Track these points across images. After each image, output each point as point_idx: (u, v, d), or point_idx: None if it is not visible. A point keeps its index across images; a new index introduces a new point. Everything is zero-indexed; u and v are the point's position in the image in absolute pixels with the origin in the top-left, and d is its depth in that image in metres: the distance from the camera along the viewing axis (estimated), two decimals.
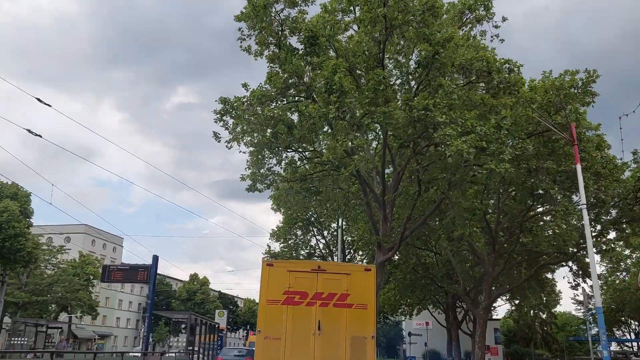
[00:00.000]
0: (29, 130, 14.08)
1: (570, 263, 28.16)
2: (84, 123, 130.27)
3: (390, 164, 19.81)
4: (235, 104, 17.41)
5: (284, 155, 20.09)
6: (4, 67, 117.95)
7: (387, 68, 18.55)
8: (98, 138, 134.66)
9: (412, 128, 14.66)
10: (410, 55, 17.71)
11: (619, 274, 47.87)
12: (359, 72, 18.09)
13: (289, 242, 37.90)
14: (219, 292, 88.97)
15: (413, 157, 16.60)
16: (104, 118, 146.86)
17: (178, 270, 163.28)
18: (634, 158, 21.81)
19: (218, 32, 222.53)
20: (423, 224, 20.71)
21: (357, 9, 17.92)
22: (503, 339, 54.68)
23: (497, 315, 52.77)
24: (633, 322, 58.46)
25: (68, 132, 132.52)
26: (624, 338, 61.10)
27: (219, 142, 18.12)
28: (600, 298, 15.90)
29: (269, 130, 17.99)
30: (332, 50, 17.83)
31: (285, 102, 17.82)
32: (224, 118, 17.95)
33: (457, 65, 15.53)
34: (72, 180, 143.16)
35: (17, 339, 30.67)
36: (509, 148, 14.19)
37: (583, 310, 62.76)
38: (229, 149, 17.98)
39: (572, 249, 25.91)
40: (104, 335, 74.85)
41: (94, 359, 22.29)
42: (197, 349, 21.85)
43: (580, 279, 29.45)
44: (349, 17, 18.42)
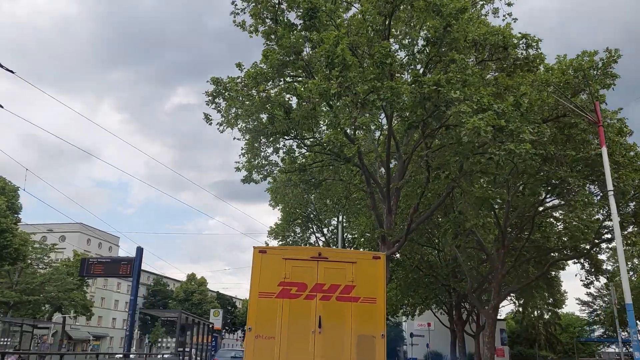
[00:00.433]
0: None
1: (582, 260, 26.91)
2: (84, 123, 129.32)
3: (395, 153, 18.52)
4: (229, 85, 16.00)
5: (282, 144, 18.81)
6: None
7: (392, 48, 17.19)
8: (98, 138, 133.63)
9: (421, 108, 13.29)
10: (419, 33, 16.26)
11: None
12: (363, 50, 16.75)
13: (288, 239, 36.71)
14: (217, 292, 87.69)
15: (422, 139, 15.18)
16: (104, 118, 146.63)
17: (178, 272, 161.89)
18: None
19: (217, 32, 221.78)
20: (430, 217, 19.38)
21: None
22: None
23: (500, 316, 51.49)
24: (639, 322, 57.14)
25: (68, 133, 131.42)
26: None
27: (210, 124, 16.72)
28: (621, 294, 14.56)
29: (265, 116, 16.65)
30: (333, 27, 16.50)
31: (282, 82, 16.44)
32: (217, 100, 16.57)
33: (469, 41, 14.20)
34: (71, 181, 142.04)
35: (2, 340, 29.42)
36: (530, 127, 12.81)
37: (588, 311, 61.93)
38: (221, 133, 16.60)
39: (583, 245, 24.71)
40: (100, 337, 73.50)
41: None
42: (188, 351, 20.48)
43: (593, 277, 28.15)
44: None
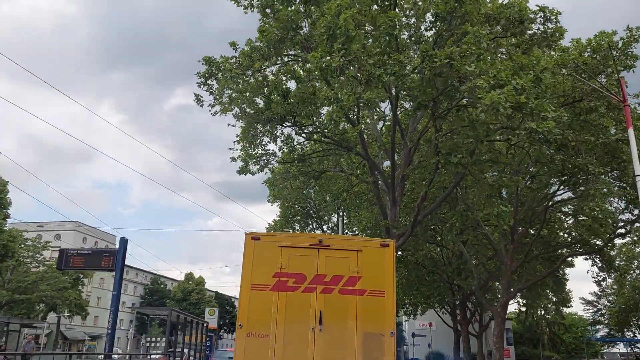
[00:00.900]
0: None
1: (594, 256, 25.78)
2: (83, 124, 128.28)
3: (400, 142, 17.36)
4: (222, 65, 14.79)
5: (280, 132, 17.65)
6: (4, 68, 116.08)
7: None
8: (97, 139, 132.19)
9: (431, 85, 12.11)
10: (428, 8, 15.02)
11: (633, 272, 45.50)
12: (366, 30, 15.55)
13: None
14: (215, 292, 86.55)
15: (432, 121, 13.96)
16: (103, 119, 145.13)
17: (177, 272, 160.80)
18: None
19: (217, 33, 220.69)
20: (439, 206, 18.19)
21: None
22: None
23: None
24: None
25: (68, 132, 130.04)
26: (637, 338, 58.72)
27: (202, 106, 15.51)
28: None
29: (262, 100, 15.46)
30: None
31: (280, 63, 15.25)
32: (209, 82, 15.37)
33: (482, 15, 13.04)
34: (70, 182, 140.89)
35: None
36: (552, 105, 11.65)
37: (592, 311, 60.90)
38: (214, 116, 15.41)
39: (594, 241, 23.62)
40: (96, 337, 72.25)
41: None
42: (180, 351, 19.30)
43: (605, 274, 27.02)
44: None
